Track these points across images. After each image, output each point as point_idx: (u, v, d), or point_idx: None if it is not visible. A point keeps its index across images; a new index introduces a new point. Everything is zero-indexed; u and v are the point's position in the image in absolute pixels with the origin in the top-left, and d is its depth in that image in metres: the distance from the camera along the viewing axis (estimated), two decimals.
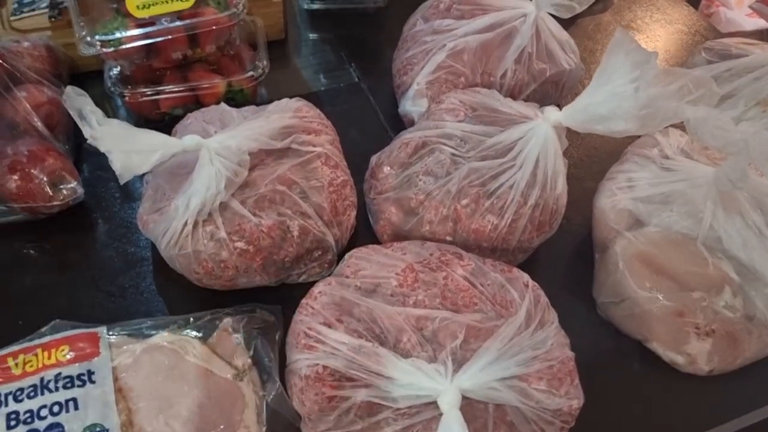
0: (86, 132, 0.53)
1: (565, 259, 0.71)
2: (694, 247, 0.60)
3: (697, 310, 0.59)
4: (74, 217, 0.70)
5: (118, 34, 0.70)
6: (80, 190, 0.67)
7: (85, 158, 0.76)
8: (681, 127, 0.72)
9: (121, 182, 0.55)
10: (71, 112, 0.53)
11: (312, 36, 0.96)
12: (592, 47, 0.97)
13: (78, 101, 0.53)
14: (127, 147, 0.54)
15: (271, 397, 0.55)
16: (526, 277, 0.58)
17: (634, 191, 0.64)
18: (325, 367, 0.52)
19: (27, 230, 0.69)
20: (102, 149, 0.54)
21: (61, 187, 0.66)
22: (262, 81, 0.79)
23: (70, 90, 0.54)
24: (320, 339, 0.53)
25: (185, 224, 0.58)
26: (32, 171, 0.65)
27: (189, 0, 0.74)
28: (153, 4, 0.73)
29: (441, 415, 0.49)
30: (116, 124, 0.54)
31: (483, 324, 0.53)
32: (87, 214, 0.72)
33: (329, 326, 0.54)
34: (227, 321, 0.59)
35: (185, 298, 0.64)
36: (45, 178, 0.65)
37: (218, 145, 0.59)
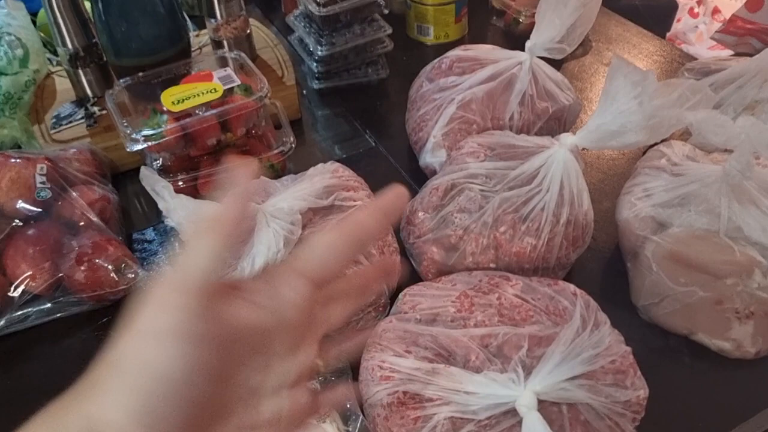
0: (161, 204, 0.59)
1: (599, 274, 0.75)
2: (718, 239, 0.64)
3: (733, 296, 0.63)
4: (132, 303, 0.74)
5: (159, 129, 0.77)
6: (142, 273, 0.72)
7: (136, 247, 0.81)
8: (681, 137, 0.79)
9: None
10: (147, 188, 0.59)
11: (324, 112, 1.04)
12: (581, 86, 1.05)
13: (151, 179, 0.59)
14: (193, 218, 0.59)
15: (357, 430, 0.58)
16: (572, 286, 0.62)
17: (652, 199, 0.69)
18: (405, 393, 0.55)
19: (91, 320, 0.73)
20: (173, 222, 0.59)
21: (125, 272, 0.71)
22: (289, 156, 0.86)
23: (144, 170, 0.60)
24: (395, 369, 0.57)
25: None
26: (98, 260, 0.69)
27: (218, 91, 0.81)
28: (186, 99, 0.80)
29: (521, 421, 0.52)
30: (183, 198, 0.60)
31: (543, 332, 0.57)
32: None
33: (400, 357, 0.58)
34: None
35: None
36: (110, 266, 0.70)
37: (272, 208, 0.64)
